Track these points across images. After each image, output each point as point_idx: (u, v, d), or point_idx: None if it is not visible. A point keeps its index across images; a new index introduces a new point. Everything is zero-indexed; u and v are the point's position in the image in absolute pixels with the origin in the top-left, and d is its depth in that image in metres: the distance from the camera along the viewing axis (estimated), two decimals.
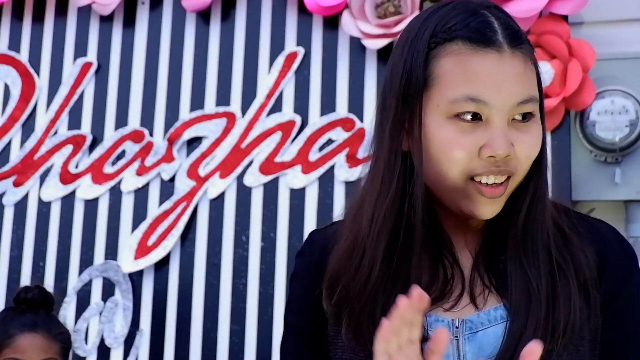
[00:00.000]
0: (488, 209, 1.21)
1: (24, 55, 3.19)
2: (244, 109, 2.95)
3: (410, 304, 1.07)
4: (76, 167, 3.05)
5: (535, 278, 1.21)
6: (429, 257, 1.24)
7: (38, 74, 3.16)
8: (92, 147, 3.06)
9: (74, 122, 3.10)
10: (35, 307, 2.31)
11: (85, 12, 3.16)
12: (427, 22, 1.24)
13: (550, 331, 1.18)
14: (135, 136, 3.02)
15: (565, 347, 1.19)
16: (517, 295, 1.21)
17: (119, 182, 3.01)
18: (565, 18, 2.70)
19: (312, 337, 1.29)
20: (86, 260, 3.00)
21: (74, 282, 2.99)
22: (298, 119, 2.88)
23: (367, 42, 2.82)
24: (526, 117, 1.20)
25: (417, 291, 1.07)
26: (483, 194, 1.19)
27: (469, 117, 1.18)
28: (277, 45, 2.96)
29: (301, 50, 2.93)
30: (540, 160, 1.24)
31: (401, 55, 1.25)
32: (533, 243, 1.24)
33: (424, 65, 1.21)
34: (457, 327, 1.22)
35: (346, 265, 1.24)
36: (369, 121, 2.81)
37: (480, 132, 1.18)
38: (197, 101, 3.00)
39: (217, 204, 2.92)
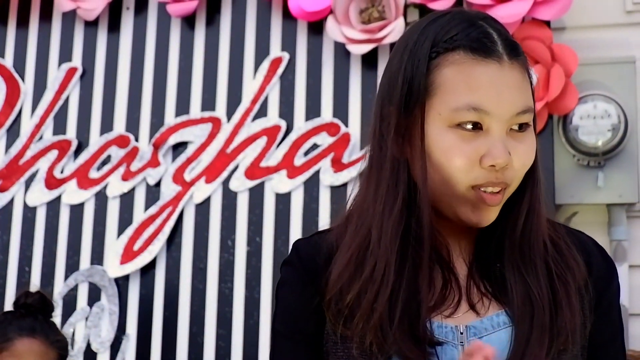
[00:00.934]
0: (487, 216, 1.23)
1: (8, 60, 3.19)
2: (230, 114, 2.96)
3: None
4: (61, 172, 3.05)
5: (535, 285, 1.23)
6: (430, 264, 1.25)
7: (23, 79, 3.17)
8: (77, 152, 3.06)
9: (59, 127, 3.10)
10: (34, 313, 2.31)
11: (70, 17, 3.16)
12: (426, 31, 1.25)
13: (556, 335, 1.20)
14: (121, 141, 3.02)
15: (565, 352, 1.21)
16: (519, 302, 1.22)
17: (105, 187, 3.02)
18: (547, 23, 2.73)
19: (307, 344, 1.29)
20: (72, 265, 3.00)
21: (59, 287, 2.99)
22: (283, 124, 2.90)
23: (351, 47, 2.83)
24: (522, 127, 1.22)
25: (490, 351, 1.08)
26: (484, 202, 1.21)
27: (469, 126, 1.19)
28: (262, 51, 2.98)
29: (286, 56, 2.95)
30: (534, 169, 1.26)
31: (400, 64, 1.25)
32: (530, 251, 1.25)
33: (426, 74, 1.22)
34: (461, 333, 1.23)
35: (354, 276, 1.24)
36: (353, 126, 2.83)
37: (480, 141, 1.19)
38: (183, 106, 3.01)
39: (202, 208, 2.93)
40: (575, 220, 2.70)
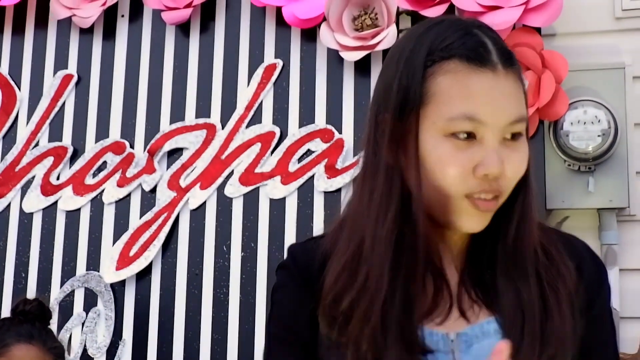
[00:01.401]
0: (478, 222, 1.24)
1: (4, 67, 3.21)
2: (224, 120, 2.97)
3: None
4: (57, 178, 3.07)
5: (526, 292, 1.24)
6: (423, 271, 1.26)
7: (18, 86, 3.18)
8: (73, 159, 3.08)
9: (55, 134, 3.12)
10: (32, 320, 2.33)
11: (65, 25, 3.18)
12: (421, 39, 1.25)
13: (546, 342, 1.21)
14: (116, 148, 3.04)
15: (555, 359, 1.22)
16: (510, 309, 1.24)
17: (100, 194, 3.03)
18: (538, 30, 2.75)
19: (300, 347, 1.29)
20: (68, 271, 3.01)
21: (56, 292, 3.01)
22: (277, 130, 2.91)
23: (344, 54, 2.85)
24: (515, 136, 1.23)
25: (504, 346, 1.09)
26: (477, 207, 1.21)
27: (463, 135, 1.20)
28: (256, 58, 2.99)
29: (280, 63, 2.96)
30: (526, 177, 1.27)
31: (395, 71, 1.26)
32: (522, 259, 1.26)
33: (421, 82, 1.22)
34: (452, 341, 1.24)
35: (347, 283, 1.25)
36: (347, 132, 2.85)
37: (474, 150, 1.20)
38: (177, 113, 3.03)
39: (198, 214, 2.95)
40: (566, 224, 2.71)
